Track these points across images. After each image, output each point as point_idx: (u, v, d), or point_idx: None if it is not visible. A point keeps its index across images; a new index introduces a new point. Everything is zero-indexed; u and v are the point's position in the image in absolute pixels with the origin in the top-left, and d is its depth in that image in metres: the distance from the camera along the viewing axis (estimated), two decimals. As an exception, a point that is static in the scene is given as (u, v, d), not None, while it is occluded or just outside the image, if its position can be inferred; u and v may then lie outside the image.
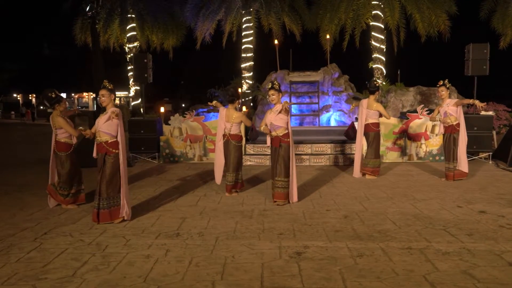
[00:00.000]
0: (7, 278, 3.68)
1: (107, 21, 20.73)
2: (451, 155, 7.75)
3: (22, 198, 6.83)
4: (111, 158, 5.31)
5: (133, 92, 22.62)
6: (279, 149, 6.13)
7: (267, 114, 6.38)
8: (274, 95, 6.20)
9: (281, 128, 6.14)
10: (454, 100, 7.93)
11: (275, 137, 6.15)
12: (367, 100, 8.30)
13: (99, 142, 5.37)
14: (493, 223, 5.14)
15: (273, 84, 6.23)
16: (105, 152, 5.31)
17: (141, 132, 10.70)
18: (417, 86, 14.93)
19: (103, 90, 5.42)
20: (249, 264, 3.94)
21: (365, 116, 8.24)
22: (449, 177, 7.82)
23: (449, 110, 7.71)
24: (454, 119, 7.70)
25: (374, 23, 16.60)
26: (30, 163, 10.61)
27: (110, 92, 5.42)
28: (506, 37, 17.33)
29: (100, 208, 5.25)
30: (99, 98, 5.47)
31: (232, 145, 6.87)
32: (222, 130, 6.95)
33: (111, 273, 3.77)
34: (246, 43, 18.41)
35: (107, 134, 5.32)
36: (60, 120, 6.06)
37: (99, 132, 5.36)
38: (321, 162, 10.04)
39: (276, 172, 6.17)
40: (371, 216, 5.54)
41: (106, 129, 5.31)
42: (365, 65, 17.40)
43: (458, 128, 7.70)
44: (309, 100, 14.80)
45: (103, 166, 5.31)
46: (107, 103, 5.41)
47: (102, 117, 5.37)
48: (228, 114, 6.89)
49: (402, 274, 3.67)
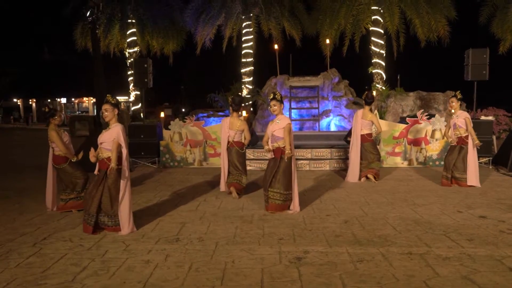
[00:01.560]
0: (6, 283, 3.67)
1: (108, 26, 20.82)
2: (451, 165, 7.74)
3: (22, 203, 6.82)
4: (114, 174, 5.05)
5: (133, 97, 22.67)
6: (280, 161, 5.95)
7: (268, 125, 6.20)
8: (276, 105, 6.02)
9: (282, 140, 5.95)
10: (465, 113, 7.83)
11: (277, 148, 5.99)
12: (362, 111, 8.37)
13: (101, 159, 5.12)
14: (493, 228, 5.14)
15: (275, 95, 6.06)
16: (106, 168, 5.07)
17: (141, 136, 10.72)
18: (417, 91, 14.96)
19: (106, 104, 5.17)
20: (249, 269, 3.93)
21: (360, 126, 8.29)
22: (444, 184, 7.80)
23: (458, 122, 7.71)
24: (464, 131, 7.69)
25: (373, 28, 16.65)
26: (30, 168, 10.60)
27: (113, 106, 5.17)
28: (505, 42, 17.39)
29: (102, 225, 5.11)
30: (102, 113, 5.24)
31: (235, 151, 7.05)
32: (226, 140, 7.10)
33: (110, 279, 3.76)
34: (246, 48, 18.45)
35: (109, 151, 5.08)
36: (53, 135, 6.03)
37: (101, 149, 5.13)
38: (321, 167, 10.04)
39: (270, 183, 5.95)
40: (371, 221, 5.54)
41: (108, 146, 5.08)
42: (365, 70, 17.44)
43: (467, 140, 7.69)
44: (309, 105, 14.80)
45: (104, 182, 5.05)
46: (110, 118, 5.17)
47: (105, 133, 5.13)
48: (232, 122, 7.07)
49: (403, 279, 3.66)
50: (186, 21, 18.61)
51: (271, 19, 18.09)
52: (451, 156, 7.78)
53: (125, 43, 22.13)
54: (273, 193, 5.96)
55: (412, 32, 17.09)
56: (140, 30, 21.52)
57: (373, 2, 16.42)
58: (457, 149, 7.75)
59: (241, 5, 17.50)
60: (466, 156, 7.68)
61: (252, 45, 18.53)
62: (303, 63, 20.89)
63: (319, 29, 17.74)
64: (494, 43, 17.40)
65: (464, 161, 7.69)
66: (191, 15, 18.17)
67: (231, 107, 7.22)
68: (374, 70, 16.87)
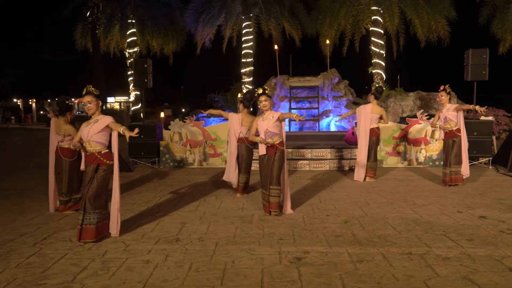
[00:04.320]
0: (6, 283, 3.67)
1: (108, 26, 20.84)
2: (448, 160, 7.76)
3: (22, 203, 6.82)
4: (104, 169, 4.81)
5: (133, 97, 22.69)
6: (274, 157, 5.81)
7: (258, 122, 5.99)
8: (267, 101, 5.86)
9: (277, 136, 5.84)
10: (454, 105, 7.92)
11: (272, 145, 5.80)
12: (371, 105, 8.34)
13: (90, 153, 4.83)
14: (493, 228, 5.14)
15: (264, 90, 5.87)
16: (97, 164, 4.80)
17: (140, 137, 10.68)
18: (416, 91, 14.97)
19: (89, 96, 4.84)
20: (249, 269, 3.93)
21: (370, 121, 8.29)
22: (445, 183, 7.79)
23: (449, 115, 7.71)
24: (454, 124, 7.69)
25: (373, 28, 16.66)
26: (30, 168, 10.60)
27: (96, 98, 4.88)
28: (505, 42, 17.41)
29: (85, 224, 4.67)
30: (85, 105, 4.87)
31: (247, 147, 7.18)
32: (235, 135, 7.18)
33: (110, 279, 3.76)
34: (246, 48, 18.47)
35: (99, 144, 4.84)
36: (70, 128, 6.08)
37: (90, 142, 4.81)
38: (321, 167, 10.04)
39: (271, 181, 5.81)
40: (371, 221, 5.54)
41: (99, 139, 4.82)
42: (365, 70, 17.46)
43: (459, 133, 7.69)
44: (309, 105, 14.81)
45: (93, 178, 4.78)
46: (94, 110, 4.85)
47: (93, 125, 4.83)
48: (244, 118, 7.18)
49: (403, 279, 3.66)
50: (186, 21, 18.65)
51: (271, 19, 18.10)
52: (447, 152, 7.78)
53: (125, 43, 22.15)
54: (273, 190, 5.82)
55: (412, 32, 17.11)
56: (140, 30, 21.55)
57: (373, 2, 16.43)
58: (450, 144, 7.72)
59: (241, 5, 17.52)
60: (459, 149, 7.69)
61: (252, 45, 18.55)
62: (303, 63, 20.92)
63: (319, 29, 17.76)
64: (494, 43, 17.43)
65: (457, 154, 7.70)
66: (191, 15, 18.20)
67: (242, 104, 7.27)
68: (374, 70, 16.88)
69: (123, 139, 5.12)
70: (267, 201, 5.89)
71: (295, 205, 6.33)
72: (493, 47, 15.39)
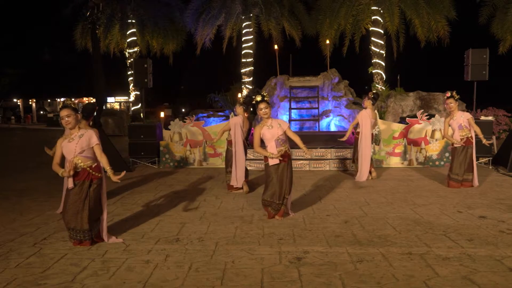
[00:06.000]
0: (6, 283, 3.67)
1: (108, 26, 20.85)
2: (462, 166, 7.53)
3: (22, 203, 6.82)
4: (97, 183, 4.63)
5: (133, 97, 22.69)
6: (287, 164, 5.56)
7: (262, 131, 5.57)
8: (267, 108, 5.54)
9: (287, 142, 5.63)
10: (469, 115, 7.65)
11: (284, 152, 5.51)
12: (370, 111, 8.42)
13: (80, 169, 4.55)
14: (493, 228, 5.14)
15: (263, 97, 5.54)
16: (90, 179, 4.59)
17: (141, 137, 10.72)
18: (416, 91, 14.97)
19: (67, 110, 4.51)
20: (249, 269, 3.93)
21: (371, 126, 8.45)
22: (452, 186, 7.62)
23: (463, 122, 7.53)
24: (468, 132, 7.54)
25: (373, 28, 16.67)
26: (30, 168, 10.60)
27: (74, 111, 4.55)
28: (505, 42, 17.40)
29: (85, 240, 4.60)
30: (62, 119, 4.54)
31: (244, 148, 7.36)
32: (240, 136, 7.22)
33: (110, 279, 3.76)
34: (246, 48, 18.48)
35: (89, 159, 4.60)
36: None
37: (80, 158, 4.54)
38: (321, 167, 10.04)
39: (288, 190, 5.57)
40: (371, 221, 5.54)
41: (88, 153, 4.59)
42: (365, 70, 17.46)
43: (472, 140, 7.55)
44: (309, 105, 14.81)
45: (87, 195, 4.56)
46: (73, 124, 4.54)
47: (80, 141, 4.54)
48: (245, 121, 7.31)
49: (402, 279, 3.66)
50: (186, 21, 18.65)
51: (271, 19, 18.11)
52: (460, 158, 7.55)
53: (125, 43, 22.15)
54: (286, 199, 5.62)
55: (412, 32, 17.12)
56: (140, 30, 21.54)
57: (373, 2, 16.44)
58: (464, 150, 7.53)
59: (241, 5, 17.52)
60: (472, 157, 7.55)
61: (252, 45, 18.56)
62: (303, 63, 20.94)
63: (319, 29, 17.77)
64: (494, 43, 17.43)
65: (470, 162, 7.55)
66: (191, 15, 18.20)
67: (242, 107, 7.30)
68: (374, 70, 16.89)
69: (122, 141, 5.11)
70: (277, 210, 5.63)
71: (295, 205, 6.33)
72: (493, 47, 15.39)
